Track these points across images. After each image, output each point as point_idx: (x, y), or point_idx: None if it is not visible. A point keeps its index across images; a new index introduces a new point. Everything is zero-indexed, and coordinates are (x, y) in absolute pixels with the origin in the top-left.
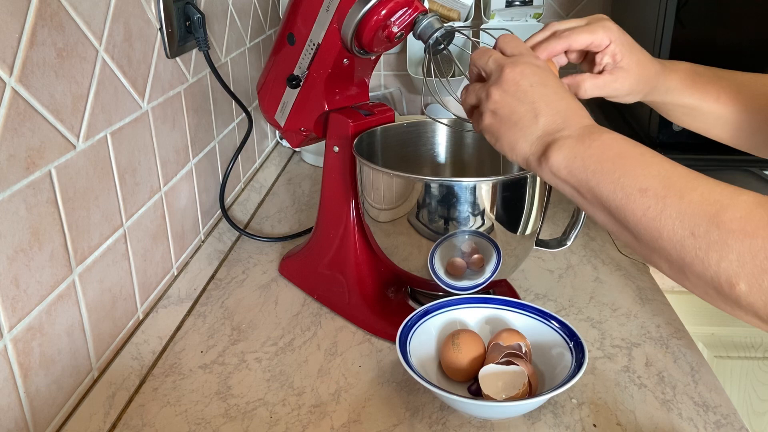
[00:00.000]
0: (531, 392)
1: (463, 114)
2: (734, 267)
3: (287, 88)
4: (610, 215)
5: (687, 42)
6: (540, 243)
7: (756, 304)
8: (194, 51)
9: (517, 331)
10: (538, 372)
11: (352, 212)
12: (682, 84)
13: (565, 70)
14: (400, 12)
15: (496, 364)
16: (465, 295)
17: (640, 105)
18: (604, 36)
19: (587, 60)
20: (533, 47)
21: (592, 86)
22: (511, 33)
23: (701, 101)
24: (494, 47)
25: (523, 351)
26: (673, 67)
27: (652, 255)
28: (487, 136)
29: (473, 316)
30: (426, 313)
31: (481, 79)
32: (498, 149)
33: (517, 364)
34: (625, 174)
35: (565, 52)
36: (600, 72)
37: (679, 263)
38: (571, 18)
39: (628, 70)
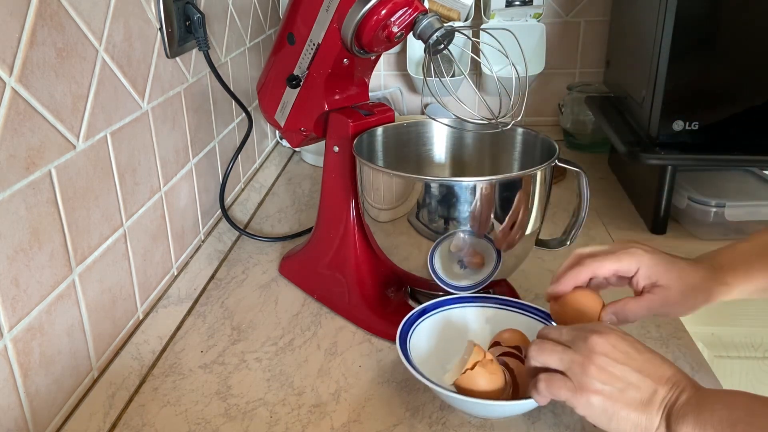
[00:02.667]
0: (517, 391)
1: (463, 114)
2: None
3: (287, 88)
4: None
5: (687, 42)
6: (540, 243)
7: None
8: (194, 51)
9: (521, 332)
10: None
11: (352, 212)
12: (736, 278)
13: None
14: (400, 12)
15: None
16: (465, 294)
17: (639, 104)
18: (631, 262)
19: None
20: (559, 276)
21: (636, 309)
22: (512, 32)
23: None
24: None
25: (524, 353)
26: (724, 261)
27: None
28: (594, 419)
29: (473, 316)
30: (426, 311)
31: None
32: (602, 422)
33: (513, 368)
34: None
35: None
36: (641, 293)
37: None
38: (572, 17)
39: (668, 287)
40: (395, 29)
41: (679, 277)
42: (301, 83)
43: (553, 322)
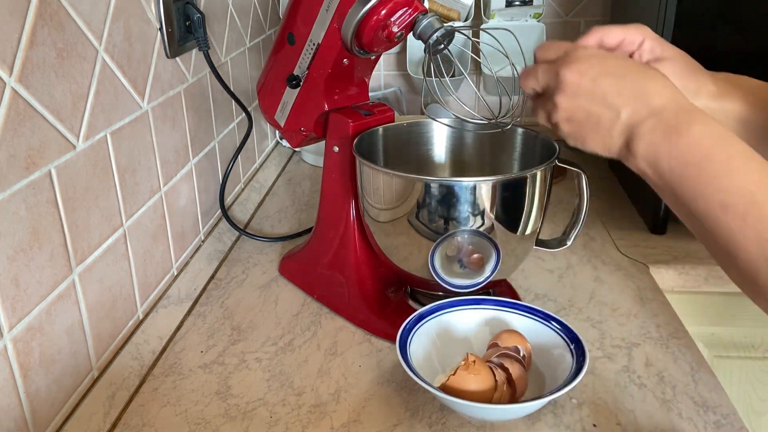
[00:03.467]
0: (515, 394)
1: (463, 113)
2: None
3: (287, 88)
4: (691, 220)
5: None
6: (540, 243)
7: None
8: (194, 51)
9: (519, 333)
10: (539, 374)
11: (352, 212)
12: (738, 94)
13: None
14: (400, 12)
15: (487, 362)
16: (465, 296)
17: None
18: (636, 32)
19: None
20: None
21: None
22: (512, 32)
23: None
24: (534, 62)
25: (521, 354)
26: (731, 77)
27: (726, 265)
28: (571, 143)
29: (473, 318)
30: (426, 314)
31: (538, 95)
32: (590, 152)
33: (507, 367)
34: (709, 183)
35: None
36: None
37: (752, 282)
38: (572, 17)
39: (673, 59)
40: (395, 29)
41: (681, 54)
42: (301, 83)
43: None
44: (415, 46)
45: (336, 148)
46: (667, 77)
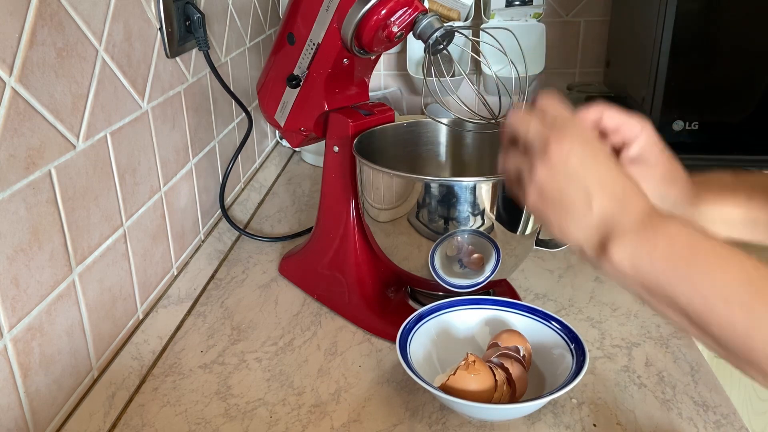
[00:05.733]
0: (515, 394)
1: (463, 114)
2: None
3: (287, 87)
4: (687, 320)
5: (687, 42)
6: (540, 243)
7: None
8: (194, 51)
9: (519, 333)
10: (539, 373)
11: (352, 212)
12: (714, 195)
13: None
14: (400, 12)
15: (487, 362)
16: (465, 296)
17: (639, 104)
18: (636, 125)
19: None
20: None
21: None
22: (512, 32)
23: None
24: (533, 105)
25: (521, 354)
26: (705, 178)
27: (743, 366)
28: (532, 213)
29: (473, 318)
30: (426, 314)
31: (515, 141)
32: (545, 228)
33: (507, 367)
34: (703, 278)
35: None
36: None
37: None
38: (572, 17)
39: (655, 165)
40: (395, 29)
41: (669, 161)
42: (301, 83)
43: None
44: (415, 46)
45: (336, 148)
46: (640, 190)
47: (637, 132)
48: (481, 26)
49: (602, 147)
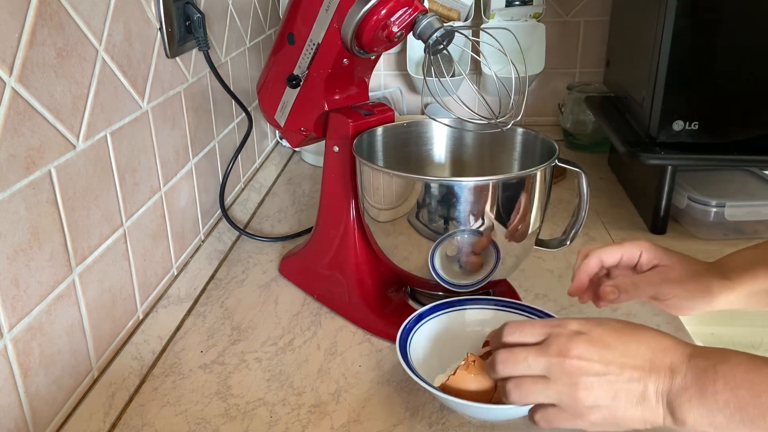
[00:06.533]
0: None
1: (463, 114)
2: None
3: (287, 87)
4: None
5: (687, 42)
6: (540, 243)
7: None
8: (194, 51)
9: None
10: None
11: (352, 212)
12: (739, 276)
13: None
14: (400, 12)
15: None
16: (465, 296)
17: (639, 104)
18: (633, 248)
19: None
20: (575, 276)
21: (636, 281)
22: (512, 32)
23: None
24: (502, 341)
25: None
26: (727, 261)
27: None
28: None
29: (473, 318)
30: (426, 314)
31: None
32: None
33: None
34: None
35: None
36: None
37: None
38: (572, 17)
39: (669, 266)
40: (395, 29)
41: (680, 261)
42: (301, 83)
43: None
44: (415, 46)
45: (336, 148)
46: (654, 329)
47: (637, 251)
48: (481, 26)
49: (593, 326)
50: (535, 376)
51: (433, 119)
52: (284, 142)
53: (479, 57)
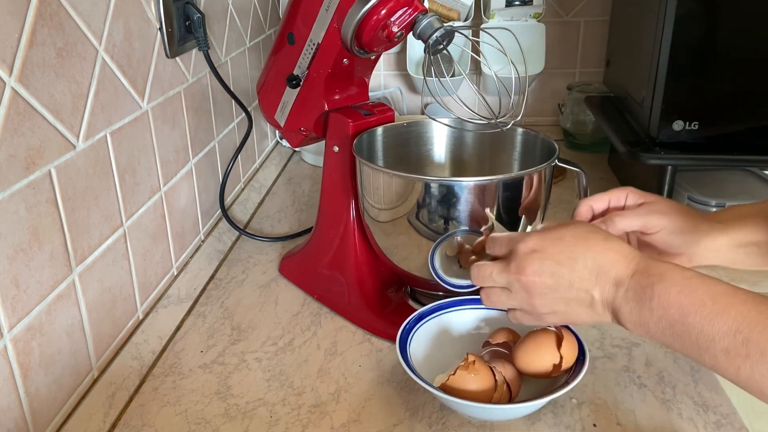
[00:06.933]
0: (511, 394)
1: (463, 114)
2: None
3: (287, 87)
4: (707, 365)
5: (687, 42)
6: None
7: None
8: (194, 51)
9: (512, 330)
10: None
11: (352, 212)
12: (728, 222)
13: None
14: (400, 12)
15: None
16: (465, 296)
17: (639, 104)
18: (619, 192)
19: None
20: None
21: (623, 215)
22: (512, 32)
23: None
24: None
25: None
26: (717, 213)
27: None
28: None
29: (473, 318)
30: (426, 314)
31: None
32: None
33: (499, 369)
34: (700, 336)
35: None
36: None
37: None
38: (572, 17)
39: (657, 201)
40: (395, 29)
41: (666, 200)
42: (301, 83)
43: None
44: (415, 46)
45: (336, 148)
46: (616, 238)
47: (623, 194)
48: (481, 26)
49: (550, 240)
50: (500, 288)
51: (433, 119)
52: (284, 142)
53: (479, 57)
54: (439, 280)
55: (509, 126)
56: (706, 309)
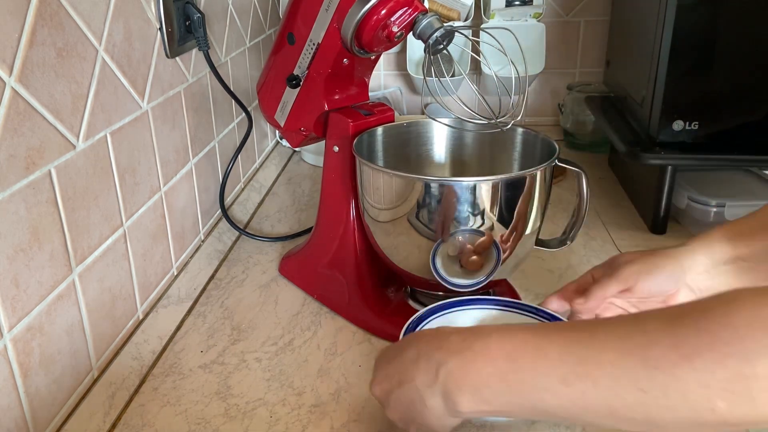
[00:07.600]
0: None
1: (463, 114)
2: (705, 391)
3: (287, 87)
4: (556, 417)
5: (687, 42)
6: (540, 243)
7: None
8: (194, 51)
9: None
10: None
11: (352, 212)
12: (696, 240)
13: None
14: (400, 12)
15: None
16: (465, 296)
17: (639, 104)
18: (584, 276)
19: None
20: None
21: (598, 286)
22: (512, 32)
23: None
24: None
25: None
26: (705, 237)
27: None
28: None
29: (473, 318)
30: (426, 315)
31: None
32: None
33: None
34: (535, 375)
35: None
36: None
37: (649, 421)
38: (572, 17)
39: (623, 254)
40: (395, 29)
41: (641, 253)
42: (301, 83)
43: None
44: (415, 46)
45: (336, 148)
46: (431, 337)
47: (587, 276)
48: (481, 26)
49: (390, 347)
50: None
51: (433, 119)
52: (284, 142)
53: (479, 57)
54: (439, 280)
55: (509, 126)
56: (530, 344)
